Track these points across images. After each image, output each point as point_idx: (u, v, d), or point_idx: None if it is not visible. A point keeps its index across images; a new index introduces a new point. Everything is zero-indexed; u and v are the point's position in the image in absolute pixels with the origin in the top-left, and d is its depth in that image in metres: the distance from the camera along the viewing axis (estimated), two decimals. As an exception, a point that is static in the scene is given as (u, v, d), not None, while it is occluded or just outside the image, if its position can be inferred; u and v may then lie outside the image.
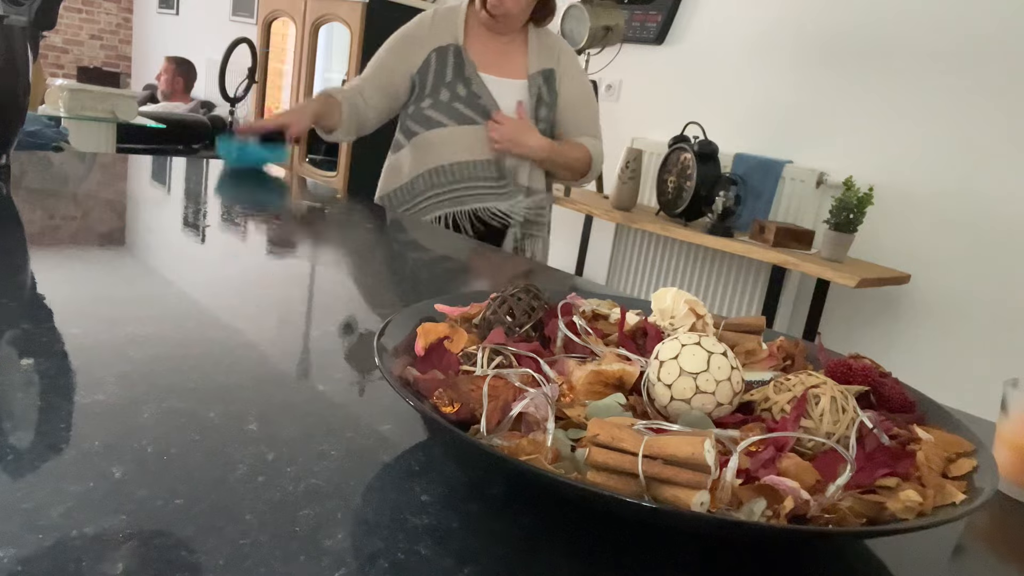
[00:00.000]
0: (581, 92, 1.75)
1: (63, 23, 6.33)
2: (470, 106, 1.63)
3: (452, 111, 1.63)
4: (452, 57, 1.64)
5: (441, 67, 1.64)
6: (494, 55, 1.68)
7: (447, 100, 1.64)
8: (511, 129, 1.62)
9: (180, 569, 0.35)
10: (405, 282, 1.02)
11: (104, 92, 3.50)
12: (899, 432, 0.51)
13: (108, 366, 0.56)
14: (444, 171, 1.65)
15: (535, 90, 1.67)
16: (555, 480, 0.41)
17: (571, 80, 1.73)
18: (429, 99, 1.65)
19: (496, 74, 1.67)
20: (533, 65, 1.68)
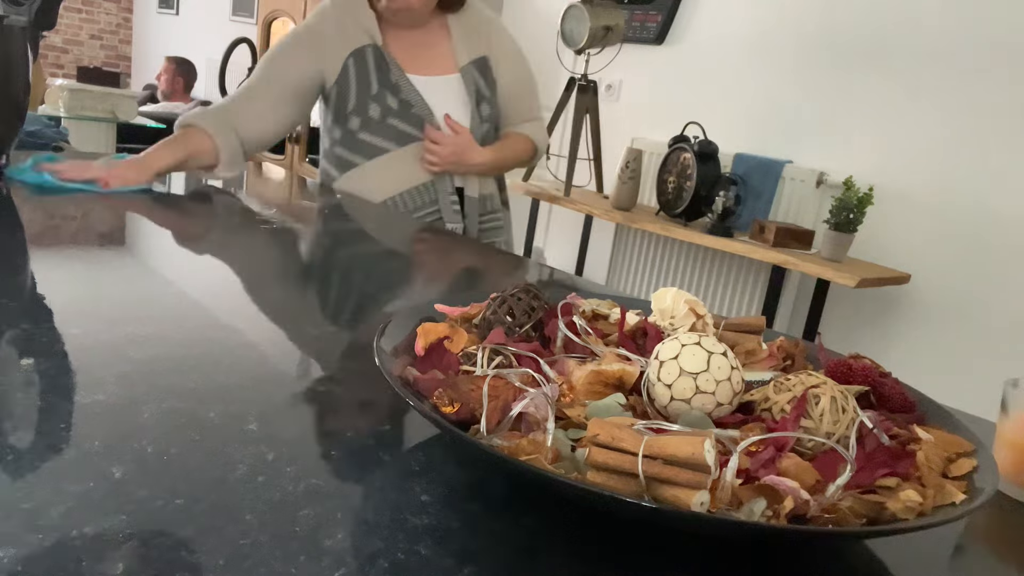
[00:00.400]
0: (519, 74, 1.57)
1: (63, 23, 6.33)
2: (404, 119, 1.44)
3: (388, 130, 1.44)
4: (372, 60, 1.43)
5: (362, 74, 1.42)
6: (416, 50, 1.47)
7: (379, 117, 1.43)
8: (450, 150, 1.44)
9: (180, 569, 0.35)
10: (405, 282, 1.02)
11: (104, 92, 3.51)
12: (899, 432, 0.51)
13: (108, 366, 0.56)
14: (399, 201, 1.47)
15: (471, 86, 1.48)
16: (555, 480, 0.41)
17: (507, 62, 1.54)
18: (357, 118, 1.44)
19: (424, 72, 1.46)
20: (462, 56, 1.48)
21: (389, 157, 1.45)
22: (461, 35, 1.50)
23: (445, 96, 1.47)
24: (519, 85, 1.57)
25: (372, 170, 1.46)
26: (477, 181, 1.53)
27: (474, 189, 1.53)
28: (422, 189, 1.47)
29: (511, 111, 1.58)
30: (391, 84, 1.43)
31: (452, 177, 1.49)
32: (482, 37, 1.51)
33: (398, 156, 1.45)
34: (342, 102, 1.44)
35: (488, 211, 1.57)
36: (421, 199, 1.48)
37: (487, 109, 1.51)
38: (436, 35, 1.50)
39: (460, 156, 1.45)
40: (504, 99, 1.56)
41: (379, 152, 1.45)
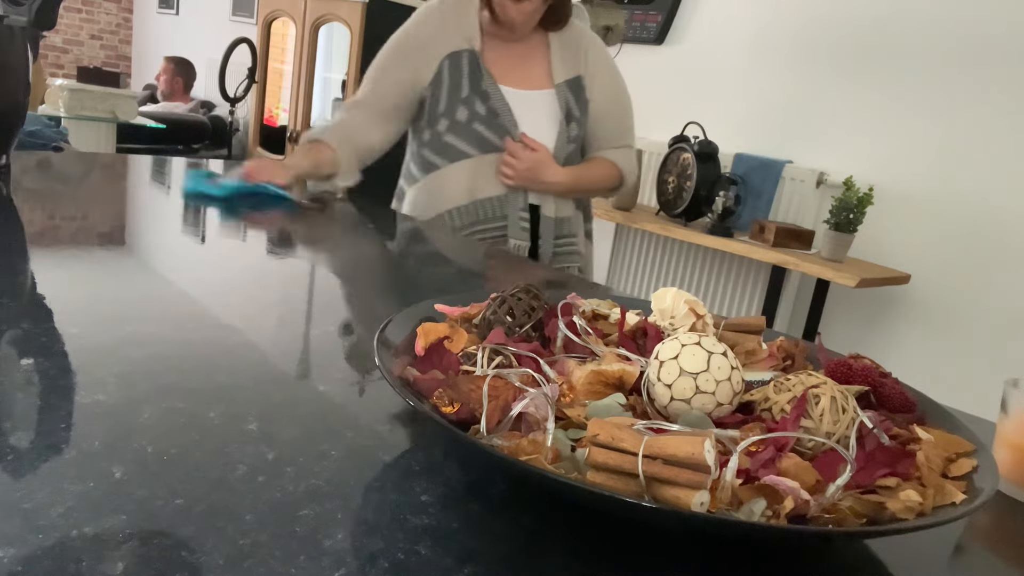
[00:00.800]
0: (613, 96, 1.54)
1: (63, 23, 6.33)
2: (490, 126, 1.43)
3: (473, 135, 1.43)
4: (467, 65, 1.43)
5: (455, 77, 1.43)
6: (512, 62, 1.47)
7: (466, 120, 1.43)
8: (526, 165, 1.41)
9: (180, 569, 0.35)
10: (405, 282, 1.02)
11: (104, 92, 3.51)
12: (899, 432, 0.51)
13: (108, 366, 0.56)
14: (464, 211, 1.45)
15: (563, 103, 1.46)
16: (555, 480, 0.41)
17: (601, 83, 1.51)
18: (445, 119, 1.44)
19: (516, 85, 1.45)
20: (558, 73, 1.47)
21: (468, 162, 1.44)
22: (559, 52, 1.49)
23: (534, 111, 1.46)
24: (611, 108, 1.54)
25: (450, 173, 1.45)
26: (554, 201, 1.49)
27: (550, 209, 1.49)
28: (494, 201, 1.46)
29: (600, 134, 1.54)
30: (481, 91, 1.42)
31: (527, 194, 1.46)
32: (580, 56, 1.50)
33: (477, 163, 1.44)
34: (434, 103, 1.45)
35: (564, 234, 1.52)
36: (490, 211, 1.46)
37: (575, 129, 1.48)
38: (535, 50, 1.49)
39: (535, 172, 1.42)
40: (594, 121, 1.52)
41: (461, 156, 1.44)
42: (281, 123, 4.33)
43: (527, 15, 1.41)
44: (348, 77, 3.77)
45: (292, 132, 4.13)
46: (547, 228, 1.49)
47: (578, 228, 1.56)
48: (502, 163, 1.43)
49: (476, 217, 1.45)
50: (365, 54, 3.70)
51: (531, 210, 1.47)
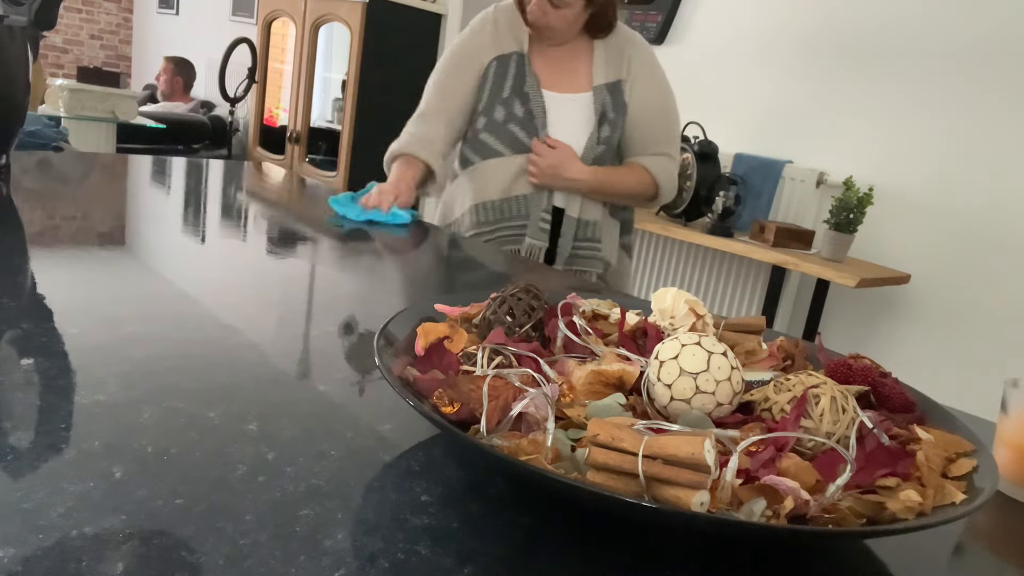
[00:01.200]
0: (653, 102, 1.52)
1: (63, 23, 6.33)
2: (524, 127, 1.46)
3: (506, 135, 1.46)
4: (514, 67, 1.46)
5: (500, 78, 1.47)
6: (557, 66, 1.50)
7: (502, 120, 1.47)
8: (548, 162, 1.43)
9: (180, 569, 0.35)
10: (406, 282, 1.02)
11: (104, 92, 3.51)
12: (899, 432, 0.51)
13: (108, 366, 0.56)
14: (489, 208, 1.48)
15: (598, 106, 1.47)
16: (555, 480, 0.41)
17: (643, 87, 1.51)
18: (483, 118, 1.49)
19: (558, 89, 1.48)
20: (598, 76, 1.49)
21: (500, 160, 1.47)
22: (603, 56, 1.50)
23: (570, 113, 1.48)
24: (651, 115, 1.52)
25: (482, 169, 1.49)
26: (579, 202, 1.49)
27: (574, 209, 1.49)
28: (521, 200, 1.48)
29: (638, 140, 1.52)
30: (522, 93, 1.46)
31: (551, 196, 1.48)
32: (623, 60, 1.51)
33: (509, 162, 1.47)
34: (477, 103, 1.50)
35: (587, 237, 1.51)
36: (515, 210, 1.48)
37: (607, 131, 1.48)
38: (580, 56, 1.51)
39: (558, 169, 1.44)
40: (632, 126, 1.51)
41: (494, 154, 1.48)
42: (281, 123, 4.33)
43: (567, 21, 1.43)
44: (348, 77, 3.77)
45: (292, 132, 4.13)
46: (568, 228, 1.50)
47: (605, 235, 1.55)
48: (529, 161, 1.45)
49: (502, 214, 1.48)
50: (365, 54, 3.71)
51: (555, 212, 1.49)
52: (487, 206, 1.48)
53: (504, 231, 1.48)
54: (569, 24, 1.44)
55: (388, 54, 3.79)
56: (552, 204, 1.48)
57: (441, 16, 3.97)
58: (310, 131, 4.10)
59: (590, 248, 1.53)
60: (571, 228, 1.50)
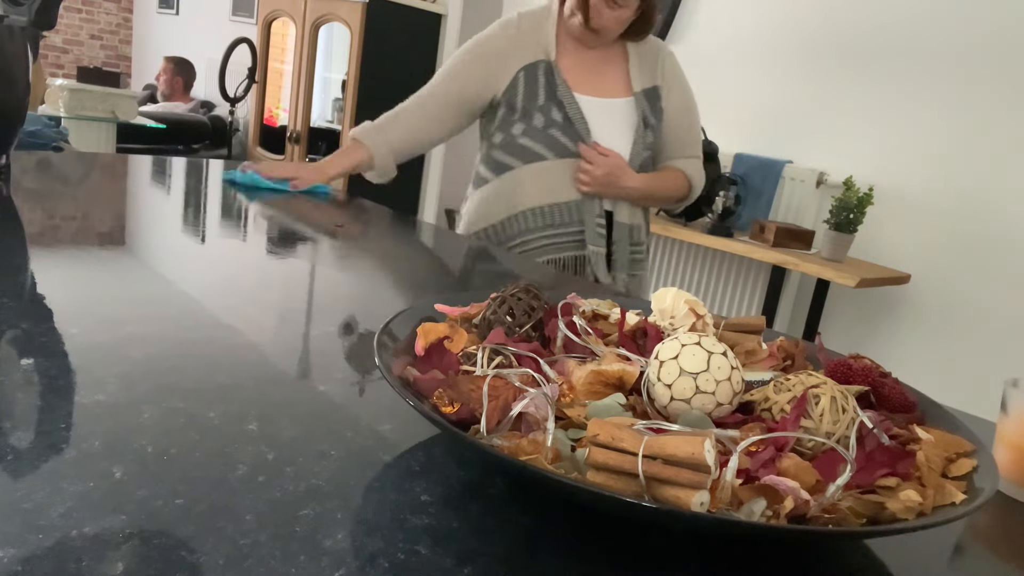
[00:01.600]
0: (684, 107, 1.57)
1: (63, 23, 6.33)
2: (566, 132, 1.44)
3: (549, 139, 1.44)
4: (543, 75, 1.45)
5: (531, 87, 1.45)
6: (589, 71, 1.49)
7: (542, 126, 1.44)
8: (604, 171, 1.42)
9: (180, 569, 0.35)
10: (406, 282, 1.02)
11: (104, 92, 3.51)
12: (899, 432, 0.51)
13: (108, 366, 0.56)
14: (538, 214, 1.46)
15: (640, 111, 1.48)
16: (555, 480, 0.41)
17: (675, 94, 1.54)
18: (521, 124, 1.45)
19: (592, 93, 1.47)
20: (637, 82, 1.49)
21: (544, 164, 1.45)
22: (638, 62, 1.51)
23: (610, 118, 1.47)
24: (682, 119, 1.56)
25: (525, 174, 1.46)
26: (628, 208, 1.51)
27: (624, 215, 1.50)
28: (572, 206, 1.46)
29: (670, 145, 1.56)
30: (556, 99, 1.44)
31: (601, 201, 1.47)
32: (657, 66, 1.52)
33: (554, 166, 1.45)
34: (509, 110, 1.46)
35: (637, 241, 1.54)
36: (566, 216, 1.46)
37: (651, 136, 1.49)
38: (613, 59, 1.51)
39: (613, 178, 1.43)
40: (666, 131, 1.54)
41: (536, 158, 1.45)
42: (281, 123, 4.33)
43: (621, 23, 1.44)
44: (348, 77, 3.77)
45: (292, 132, 4.13)
46: (622, 234, 1.50)
47: (645, 236, 1.58)
48: (580, 169, 1.43)
49: (552, 220, 1.46)
50: (365, 54, 3.71)
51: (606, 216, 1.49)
52: (534, 212, 1.46)
53: (556, 238, 1.46)
54: (621, 25, 1.44)
55: (388, 54, 3.79)
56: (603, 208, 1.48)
57: (441, 16, 3.97)
58: (310, 131, 4.10)
59: (639, 251, 1.55)
60: (624, 233, 1.50)
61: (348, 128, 3.72)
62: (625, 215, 1.50)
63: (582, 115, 1.44)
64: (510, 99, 1.46)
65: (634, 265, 1.54)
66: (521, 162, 1.46)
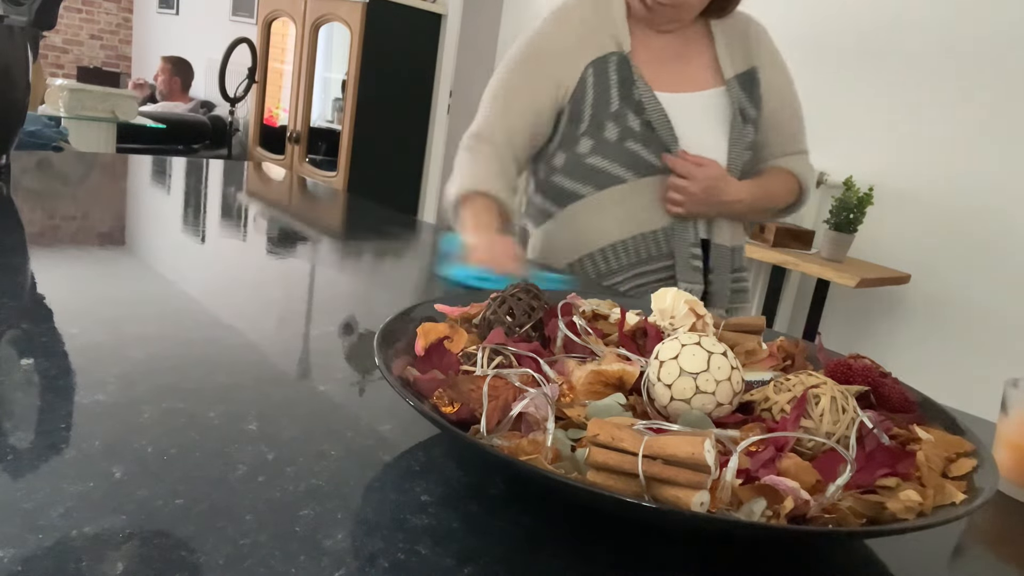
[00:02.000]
0: (786, 93, 1.27)
1: (63, 23, 6.34)
2: (646, 144, 1.14)
3: (626, 155, 1.14)
4: (615, 71, 1.15)
5: (602, 88, 1.15)
6: (669, 61, 1.19)
7: (616, 139, 1.14)
8: (701, 186, 1.12)
9: (180, 569, 0.35)
10: (406, 282, 1.02)
11: (104, 92, 3.51)
12: (899, 432, 0.51)
13: (108, 366, 0.56)
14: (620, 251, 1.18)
15: (736, 103, 1.18)
16: (555, 480, 0.41)
17: (774, 77, 1.24)
18: (588, 139, 1.16)
19: (674, 88, 1.17)
20: (728, 67, 1.20)
21: (623, 188, 1.16)
22: (725, 42, 1.21)
23: (699, 117, 1.18)
24: (785, 106, 1.26)
25: (600, 203, 1.17)
26: (729, 228, 1.21)
27: (725, 237, 1.20)
28: (659, 235, 1.17)
29: (773, 139, 1.26)
30: (634, 102, 1.14)
31: (696, 224, 1.18)
32: (750, 44, 1.22)
33: (634, 189, 1.16)
34: (573, 122, 1.17)
35: (737, 267, 1.24)
36: (653, 249, 1.17)
37: (751, 133, 1.20)
38: (696, 43, 1.22)
39: (712, 193, 1.13)
40: (766, 123, 1.24)
41: (612, 181, 1.16)
42: (281, 123, 4.33)
43: None
44: (348, 77, 3.77)
45: (292, 132, 4.13)
46: (722, 261, 1.21)
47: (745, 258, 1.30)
48: (671, 187, 1.15)
49: (637, 257, 1.18)
50: (365, 54, 3.71)
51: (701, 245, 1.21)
52: (616, 249, 1.17)
53: (641, 278, 1.19)
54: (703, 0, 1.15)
55: (388, 54, 3.80)
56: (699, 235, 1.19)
57: (441, 16, 3.97)
58: (310, 131, 4.10)
59: (741, 280, 1.27)
60: (725, 260, 1.21)
61: (348, 128, 3.72)
62: (725, 236, 1.20)
63: (667, 119, 1.14)
64: (576, 107, 1.16)
65: (735, 296, 1.26)
66: (593, 188, 1.17)
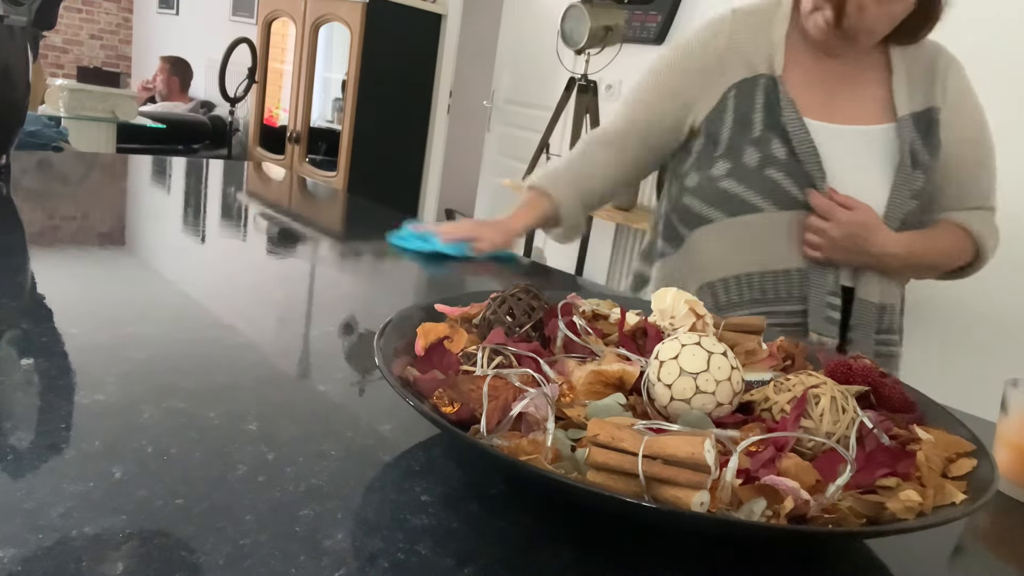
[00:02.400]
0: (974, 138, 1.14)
1: (63, 23, 6.34)
2: (790, 174, 1.03)
3: (765, 183, 1.04)
4: (762, 94, 1.06)
5: (744, 112, 1.06)
6: (829, 88, 1.08)
7: (756, 165, 1.04)
8: (845, 231, 1.01)
9: (180, 569, 0.35)
10: (406, 282, 1.02)
11: (104, 92, 3.51)
12: (899, 432, 0.51)
13: (108, 366, 0.56)
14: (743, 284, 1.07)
15: (906, 144, 1.05)
16: (555, 480, 0.41)
17: (961, 120, 1.11)
18: (725, 162, 1.06)
19: (830, 119, 1.06)
20: (903, 103, 1.07)
21: (757, 218, 1.05)
22: (906, 75, 1.09)
23: (859, 153, 1.06)
24: (970, 155, 1.14)
25: (733, 230, 1.07)
26: (879, 282, 1.08)
27: (873, 291, 1.07)
28: (792, 277, 1.06)
29: (950, 191, 1.12)
30: (779, 128, 1.04)
31: (838, 272, 1.06)
32: (937, 80, 1.10)
33: (771, 221, 1.05)
34: (710, 143, 1.09)
35: (885, 328, 1.11)
36: (782, 290, 1.06)
37: (919, 180, 1.06)
38: (870, 72, 1.10)
39: (856, 241, 1.01)
40: (944, 170, 1.10)
41: (746, 209, 1.05)
42: (281, 123, 4.33)
43: (890, 21, 1.04)
44: (348, 77, 3.77)
45: (292, 132, 4.13)
46: (866, 318, 1.08)
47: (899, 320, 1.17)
48: (809, 227, 1.04)
49: (762, 294, 1.07)
50: (365, 54, 3.71)
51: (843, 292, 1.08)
52: (740, 282, 1.07)
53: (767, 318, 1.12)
54: (888, 25, 1.05)
55: (388, 54, 3.80)
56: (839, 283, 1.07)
57: (441, 16, 3.97)
58: (310, 131, 4.10)
59: (889, 342, 1.13)
60: (870, 317, 1.08)
61: (348, 128, 3.72)
62: (874, 291, 1.07)
63: (814, 148, 1.03)
64: (713, 128, 1.08)
65: (880, 361, 1.12)
66: (724, 213, 1.07)
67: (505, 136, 3.88)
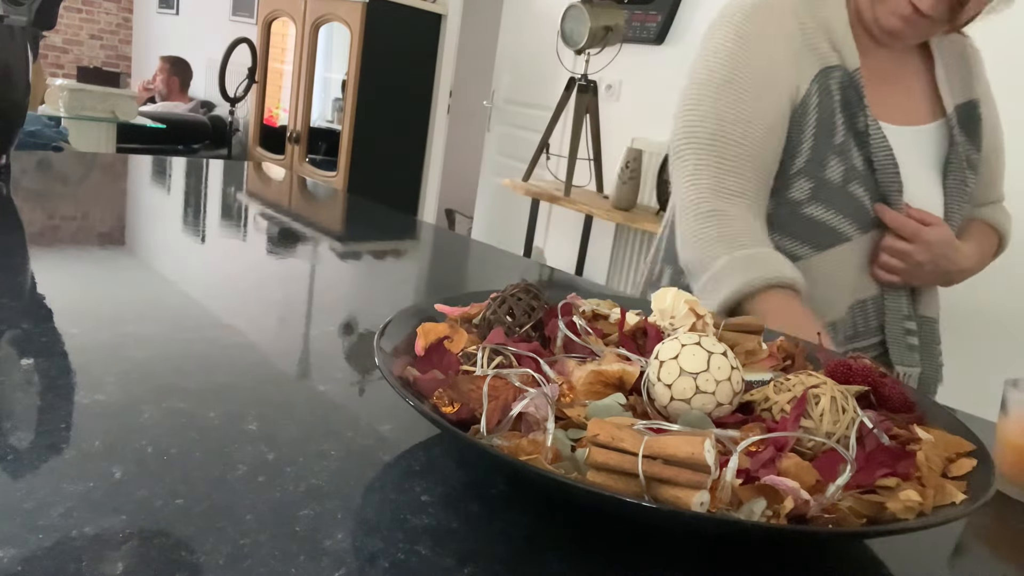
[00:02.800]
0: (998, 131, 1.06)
1: (63, 23, 6.34)
2: (868, 188, 0.90)
3: (849, 204, 0.90)
4: (839, 90, 0.90)
5: (826, 112, 0.90)
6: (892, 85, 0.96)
7: (840, 180, 0.89)
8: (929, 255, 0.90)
9: (180, 569, 0.35)
10: (406, 282, 1.02)
11: (104, 92, 3.51)
12: (899, 432, 0.51)
13: (108, 366, 0.56)
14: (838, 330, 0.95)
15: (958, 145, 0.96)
16: (555, 480, 0.41)
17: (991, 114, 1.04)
18: (807, 180, 0.89)
19: (895, 120, 0.93)
20: (948, 97, 0.97)
21: (848, 249, 0.91)
22: (944, 65, 0.99)
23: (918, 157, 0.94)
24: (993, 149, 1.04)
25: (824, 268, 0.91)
26: (933, 296, 1.03)
27: (931, 307, 1.01)
28: (868, 306, 0.94)
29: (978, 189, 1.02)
30: (858, 131, 0.90)
31: (911, 295, 0.97)
32: (969, 68, 1.02)
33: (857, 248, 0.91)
34: (788, 156, 0.91)
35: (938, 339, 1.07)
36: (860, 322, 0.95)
37: (972, 181, 0.97)
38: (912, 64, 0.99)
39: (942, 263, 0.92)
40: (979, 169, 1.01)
41: (836, 239, 0.90)
42: (281, 123, 4.33)
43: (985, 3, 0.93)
44: (348, 77, 3.77)
45: (292, 132, 4.13)
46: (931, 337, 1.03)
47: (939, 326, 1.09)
48: (889, 250, 0.91)
49: (853, 331, 0.95)
50: (365, 54, 3.71)
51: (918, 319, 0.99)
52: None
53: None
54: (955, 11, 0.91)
55: (388, 54, 3.80)
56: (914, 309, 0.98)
57: (441, 16, 3.97)
58: (310, 131, 4.11)
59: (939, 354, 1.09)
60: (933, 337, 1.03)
61: (348, 128, 3.72)
62: (932, 307, 1.02)
63: (893, 159, 0.89)
64: (793, 136, 0.90)
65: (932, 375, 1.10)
66: (812, 248, 0.91)
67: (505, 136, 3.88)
